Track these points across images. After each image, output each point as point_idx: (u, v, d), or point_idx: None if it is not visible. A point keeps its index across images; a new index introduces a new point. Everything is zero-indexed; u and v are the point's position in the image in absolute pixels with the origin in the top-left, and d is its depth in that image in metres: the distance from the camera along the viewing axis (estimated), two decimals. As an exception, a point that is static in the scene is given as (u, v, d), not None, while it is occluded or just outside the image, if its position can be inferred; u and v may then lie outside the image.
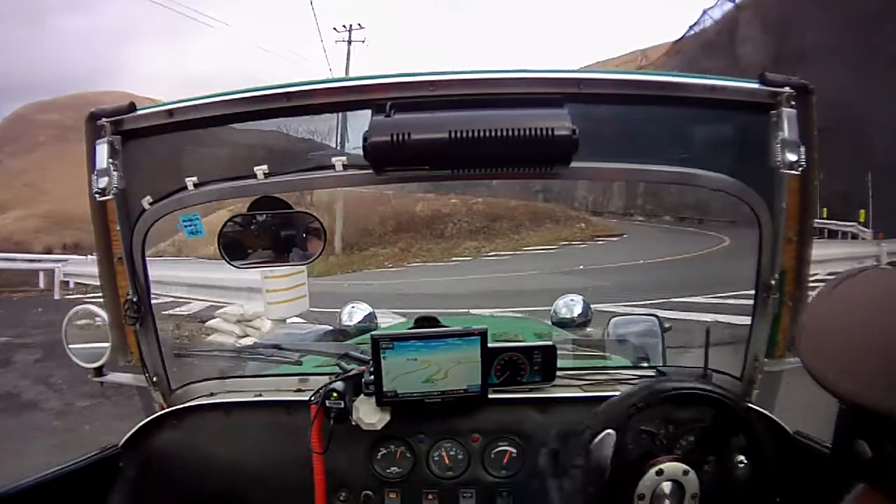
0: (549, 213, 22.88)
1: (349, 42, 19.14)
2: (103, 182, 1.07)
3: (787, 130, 1.01)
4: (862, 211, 14.37)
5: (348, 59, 19.34)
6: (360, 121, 1.03)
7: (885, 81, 13.72)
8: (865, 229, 13.50)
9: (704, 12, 25.17)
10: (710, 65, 22.85)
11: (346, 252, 18.11)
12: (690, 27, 27.00)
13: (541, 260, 15.72)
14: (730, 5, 23.25)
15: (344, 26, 19.27)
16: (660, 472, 0.92)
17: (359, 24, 19.44)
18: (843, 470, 0.49)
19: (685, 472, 0.92)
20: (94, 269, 1.22)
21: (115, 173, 1.07)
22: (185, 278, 8.16)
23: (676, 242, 17.49)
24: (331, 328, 2.12)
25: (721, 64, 22.04)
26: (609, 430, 0.91)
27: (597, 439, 0.91)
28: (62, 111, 50.89)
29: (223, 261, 1.25)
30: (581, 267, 12.77)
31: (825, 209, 13.05)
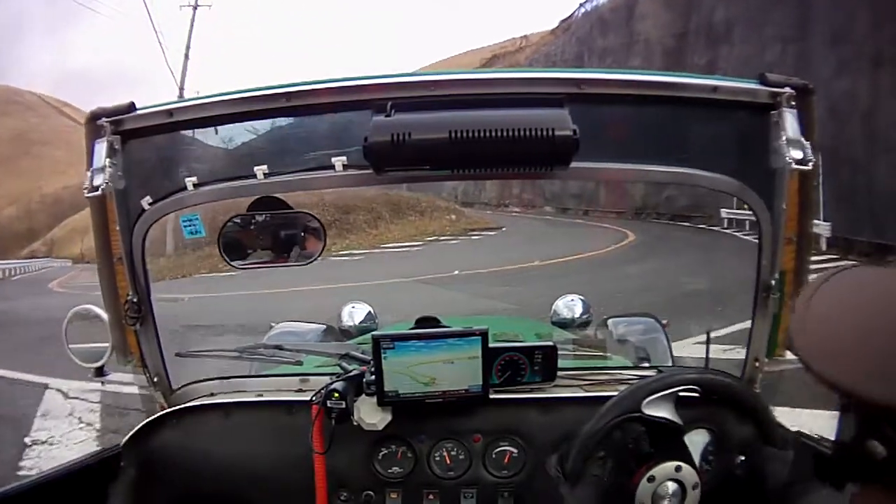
0: (413, 203, 20.00)
1: (195, 7, 18.14)
2: (101, 182, 1.06)
3: (788, 131, 1.01)
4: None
5: (192, 24, 18.26)
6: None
7: (827, 54, 11.95)
8: (817, 221, 11.47)
9: (599, -12, 22.86)
10: (606, 43, 21.39)
11: (178, 253, 15.15)
12: (581, 4, 24.59)
13: (402, 261, 12.48)
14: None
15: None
16: (651, 479, 0.92)
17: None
18: (850, 472, 0.47)
19: (678, 469, 0.92)
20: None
21: (113, 173, 1.07)
22: None
23: (568, 237, 14.87)
24: (328, 326, 2.12)
25: (618, 42, 20.56)
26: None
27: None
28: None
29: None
30: (456, 272, 9.96)
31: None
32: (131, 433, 1.18)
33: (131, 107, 1.09)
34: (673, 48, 18.60)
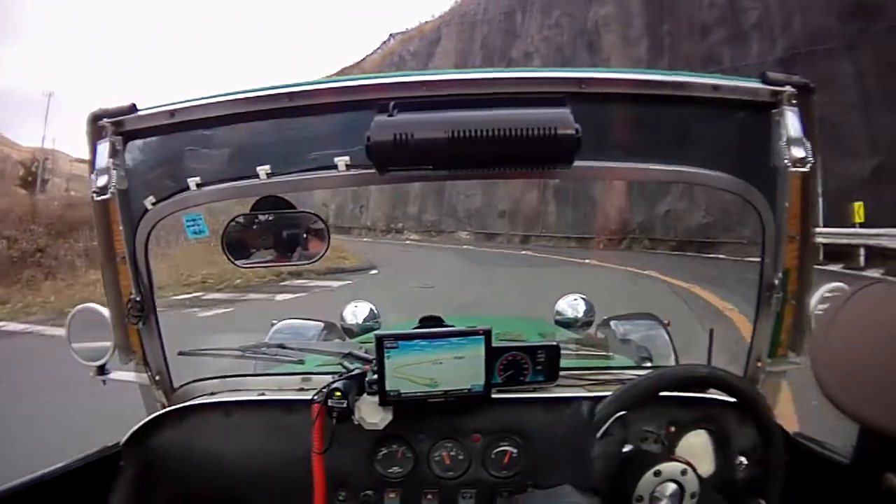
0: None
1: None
2: (104, 182, 1.07)
3: (790, 129, 1.02)
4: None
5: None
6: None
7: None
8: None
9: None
10: None
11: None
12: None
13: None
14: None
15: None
16: (657, 474, 0.92)
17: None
18: (865, 499, 0.46)
19: (683, 472, 0.92)
20: None
21: (116, 174, 1.08)
22: None
23: (513, 297, 7.47)
24: (330, 324, 2.12)
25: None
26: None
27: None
28: None
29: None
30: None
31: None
32: (132, 431, 1.18)
33: (133, 107, 1.10)
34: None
